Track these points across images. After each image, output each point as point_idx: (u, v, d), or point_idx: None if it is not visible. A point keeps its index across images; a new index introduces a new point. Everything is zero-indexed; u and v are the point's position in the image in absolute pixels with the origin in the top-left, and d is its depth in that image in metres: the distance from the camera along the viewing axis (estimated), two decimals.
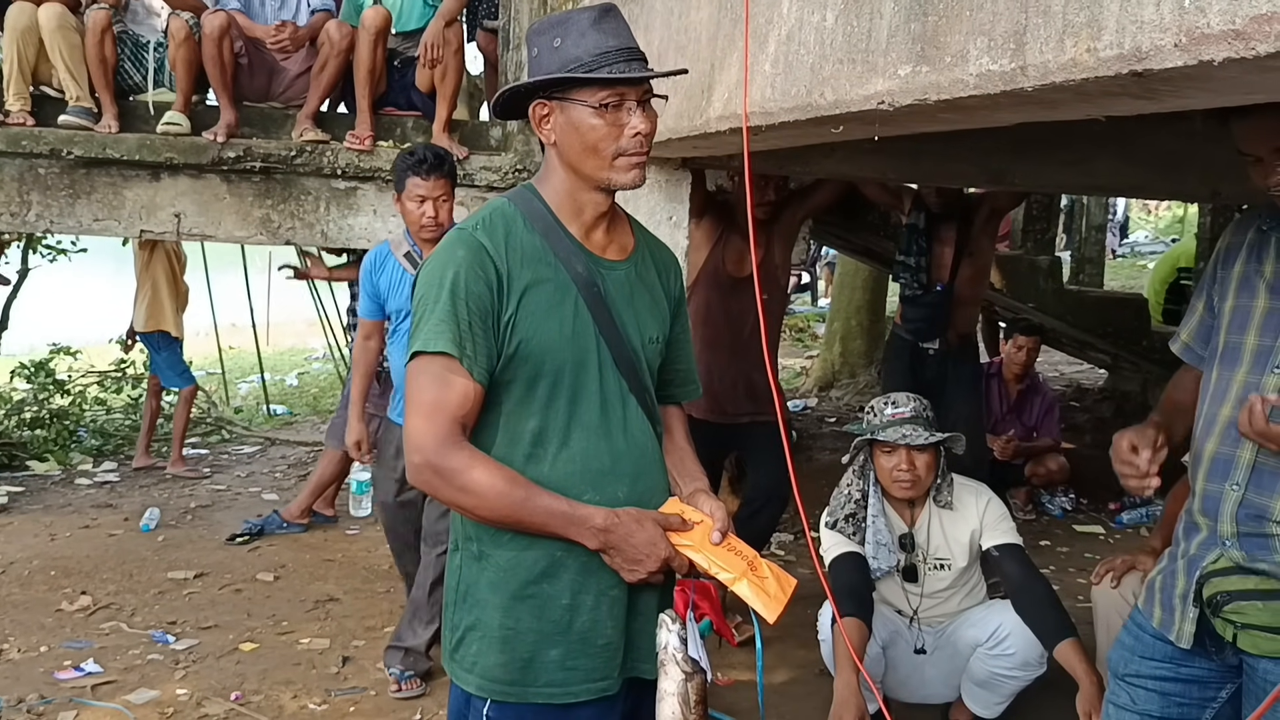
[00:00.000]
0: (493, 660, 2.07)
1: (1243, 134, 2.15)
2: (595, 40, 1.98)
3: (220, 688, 4.31)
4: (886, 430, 3.63)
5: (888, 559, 3.71)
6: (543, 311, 2.03)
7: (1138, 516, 6.99)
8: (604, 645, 2.09)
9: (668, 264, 2.31)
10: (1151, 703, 2.41)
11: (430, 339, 1.97)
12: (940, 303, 5.87)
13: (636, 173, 2.03)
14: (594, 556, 2.05)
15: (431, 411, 1.97)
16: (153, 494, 7.26)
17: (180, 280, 7.66)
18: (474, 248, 2.00)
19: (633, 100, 2.00)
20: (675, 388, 2.37)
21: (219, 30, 5.32)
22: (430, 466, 1.97)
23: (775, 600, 2.09)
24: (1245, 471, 2.20)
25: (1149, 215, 21.93)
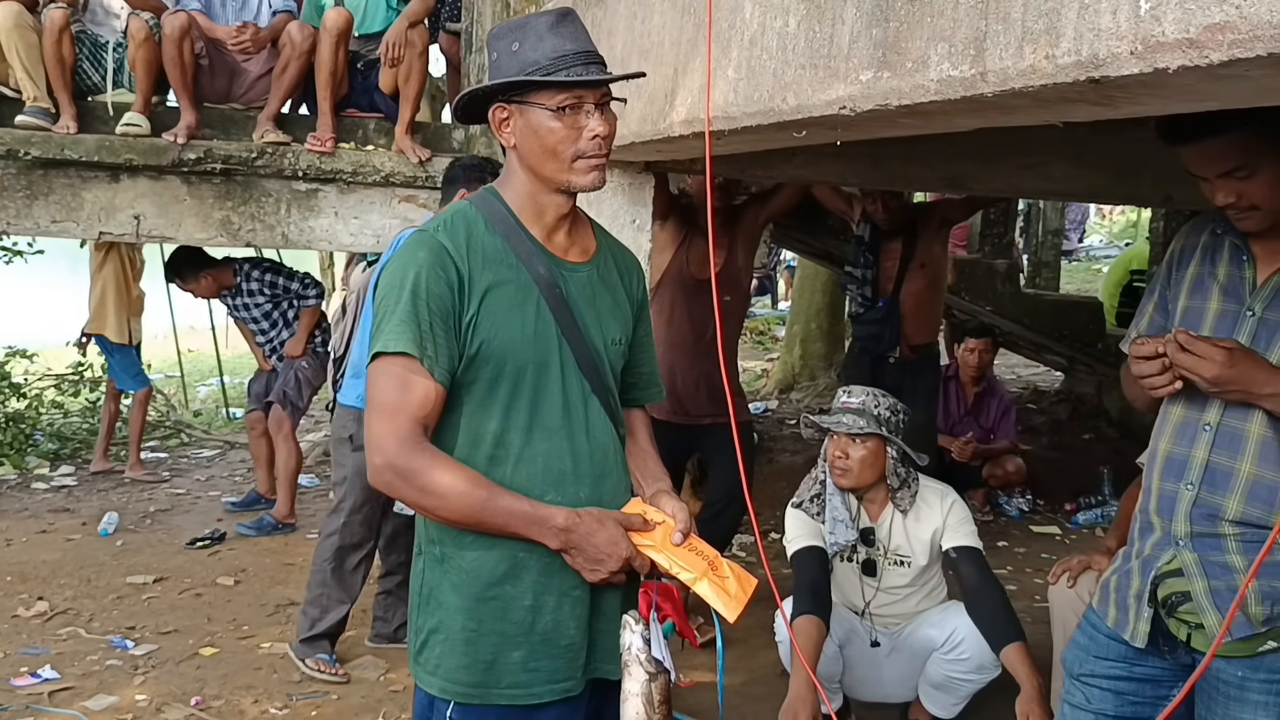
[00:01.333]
0: (455, 662, 2.07)
1: (1189, 159, 2.22)
2: (553, 44, 1.99)
3: (180, 693, 4.28)
4: (831, 415, 3.69)
5: (845, 534, 3.73)
6: (504, 312, 2.04)
7: (1093, 517, 7.08)
8: (566, 646, 2.10)
9: (630, 266, 2.33)
10: (1106, 702, 2.45)
11: (391, 339, 1.97)
12: (885, 318, 5.95)
13: (596, 175, 2.05)
14: (556, 557, 2.05)
15: (392, 413, 1.97)
16: (111, 498, 7.19)
17: (132, 286, 7.58)
18: (435, 249, 2.01)
19: (590, 103, 2.01)
20: (639, 390, 2.39)
21: (179, 31, 5.28)
22: (391, 467, 1.97)
23: (736, 600, 2.10)
24: (1199, 471, 2.24)
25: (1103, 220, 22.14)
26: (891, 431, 3.66)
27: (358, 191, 5.46)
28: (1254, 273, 2.24)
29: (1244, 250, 2.26)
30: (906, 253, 5.87)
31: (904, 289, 5.91)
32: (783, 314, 14.71)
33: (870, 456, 3.65)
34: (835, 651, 3.75)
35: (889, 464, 3.68)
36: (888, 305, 5.93)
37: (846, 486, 3.71)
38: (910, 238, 5.88)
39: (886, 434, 3.64)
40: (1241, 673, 2.22)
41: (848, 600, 3.87)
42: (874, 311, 5.99)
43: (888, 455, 3.68)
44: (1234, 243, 2.28)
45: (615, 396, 2.22)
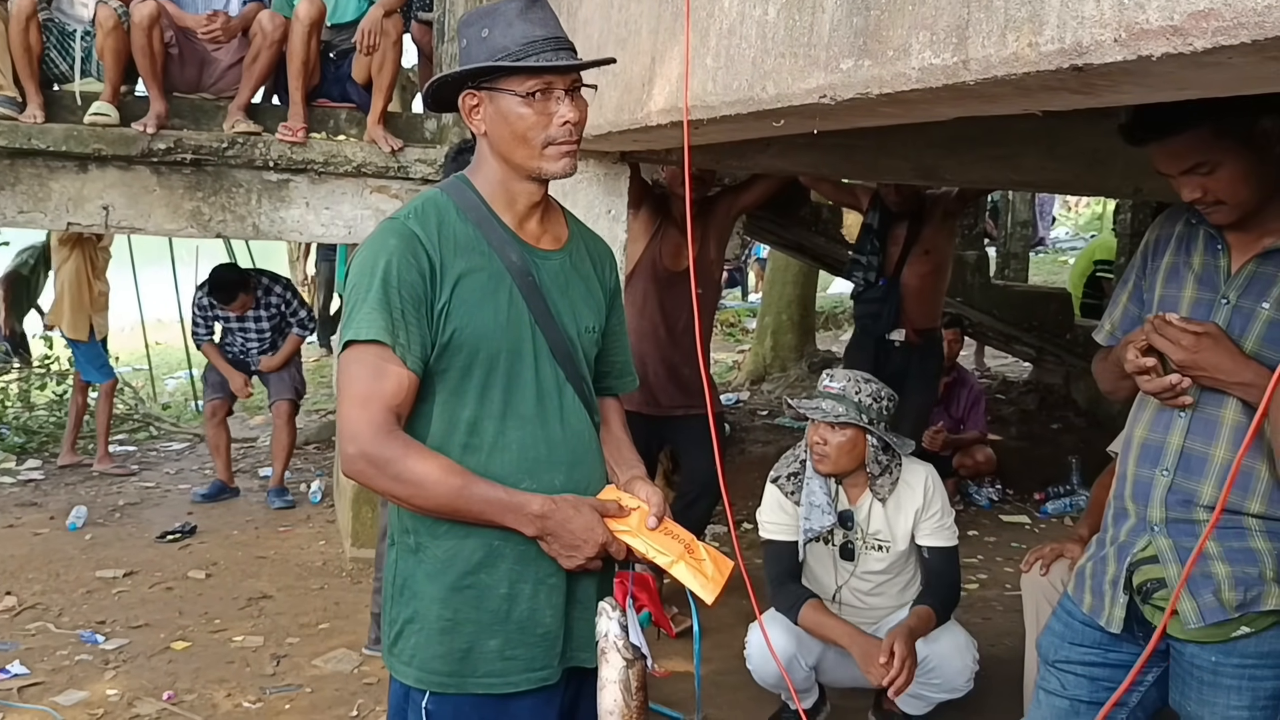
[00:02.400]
0: (431, 652, 2.07)
1: (1155, 157, 2.26)
2: (522, 30, 1.99)
3: (152, 687, 4.25)
4: (811, 399, 3.68)
5: (820, 520, 3.70)
6: (476, 300, 2.03)
7: (1062, 506, 7.15)
8: (543, 634, 2.09)
9: (603, 255, 2.33)
10: (1081, 687, 2.47)
11: (362, 328, 1.96)
12: (885, 297, 6.02)
13: (567, 161, 2.05)
14: (531, 545, 2.05)
15: (365, 401, 1.96)
16: (79, 492, 7.13)
17: (94, 282, 7.52)
18: (406, 236, 2.00)
19: (561, 89, 2.01)
20: (612, 379, 2.39)
21: (149, 19, 5.22)
22: (365, 456, 1.95)
23: (713, 582, 2.11)
24: (1174, 457, 2.27)
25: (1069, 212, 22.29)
26: (873, 419, 3.62)
27: (329, 182, 5.42)
28: (1228, 261, 2.27)
29: (1219, 239, 2.29)
30: (910, 238, 5.94)
31: (906, 270, 5.96)
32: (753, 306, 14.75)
33: (849, 444, 3.62)
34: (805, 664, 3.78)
35: (869, 451, 3.65)
36: (888, 285, 5.99)
37: (825, 472, 3.69)
38: (916, 224, 5.96)
39: (865, 423, 3.59)
40: (1215, 658, 2.25)
41: (819, 584, 3.85)
42: (874, 290, 6.05)
43: (868, 443, 3.65)
44: (1208, 232, 2.31)
45: (590, 384, 2.22)
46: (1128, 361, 2.27)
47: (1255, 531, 2.21)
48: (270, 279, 7.12)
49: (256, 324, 6.95)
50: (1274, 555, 2.20)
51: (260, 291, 6.90)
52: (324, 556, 5.88)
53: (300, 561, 5.80)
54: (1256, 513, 2.20)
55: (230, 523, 6.49)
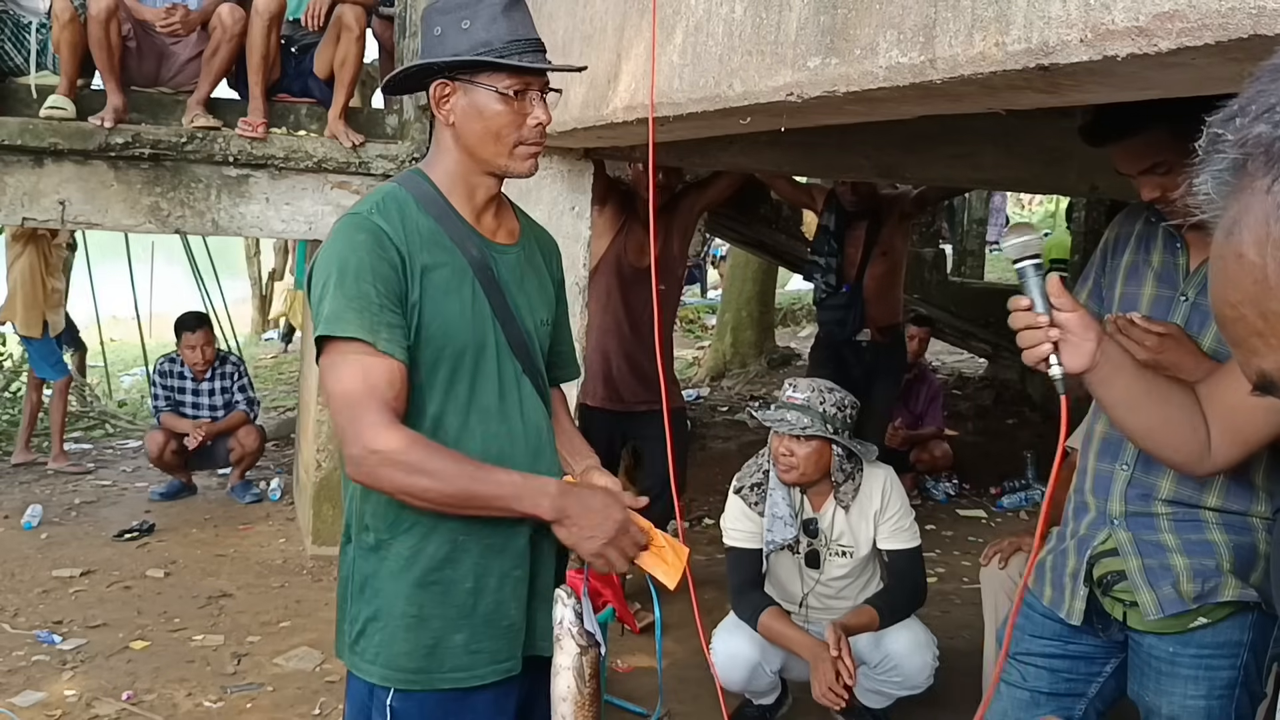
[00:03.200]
0: (397, 649, 2.05)
1: (1114, 158, 2.30)
2: (507, 27, 1.99)
3: (111, 687, 4.21)
4: (774, 411, 3.68)
5: (783, 532, 3.72)
6: (442, 295, 2.01)
7: (1017, 500, 7.23)
8: (508, 626, 2.09)
9: (550, 248, 2.33)
10: (1041, 679, 2.51)
11: (339, 324, 1.92)
12: (849, 303, 6.10)
13: (532, 162, 2.06)
14: (495, 538, 2.04)
15: (361, 399, 1.91)
16: (34, 490, 7.04)
17: (46, 279, 7.43)
18: (373, 231, 1.96)
19: (536, 91, 2.02)
20: (557, 370, 2.38)
21: (106, 12, 5.16)
22: (374, 454, 1.90)
23: (674, 568, 2.12)
24: (1134, 451, 2.30)
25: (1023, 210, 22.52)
26: (838, 428, 3.61)
27: (290, 177, 5.39)
28: (1187, 259, 2.31)
29: (1178, 238, 2.33)
30: (870, 239, 6.02)
31: (866, 274, 6.04)
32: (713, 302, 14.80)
33: (814, 455, 3.61)
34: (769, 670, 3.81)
35: (834, 460, 3.65)
36: (851, 291, 6.08)
37: (791, 482, 3.69)
38: (874, 225, 6.03)
39: (830, 433, 3.59)
40: (1173, 648, 2.29)
41: (785, 592, 3.88)
42: (837, 297, 6.13)
43: (833, 453, 3.65)
44: (1168, 230, 2.35)
45: (544, 377, 2.22)
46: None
47: (1212, 524, 2.25)
48: (226, 352, 7.48)
49: (210, 397, 7.06)
50: (1230, 548, 2.24)
51: (217, 363, 7.11)
52: (284, 554, 5.84)
53: (260, 559, 5.76)
54: (1213, 506, 2.24)
55: (189, 521, 6.43)
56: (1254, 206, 0.71)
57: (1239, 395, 1.94)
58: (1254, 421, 2.00)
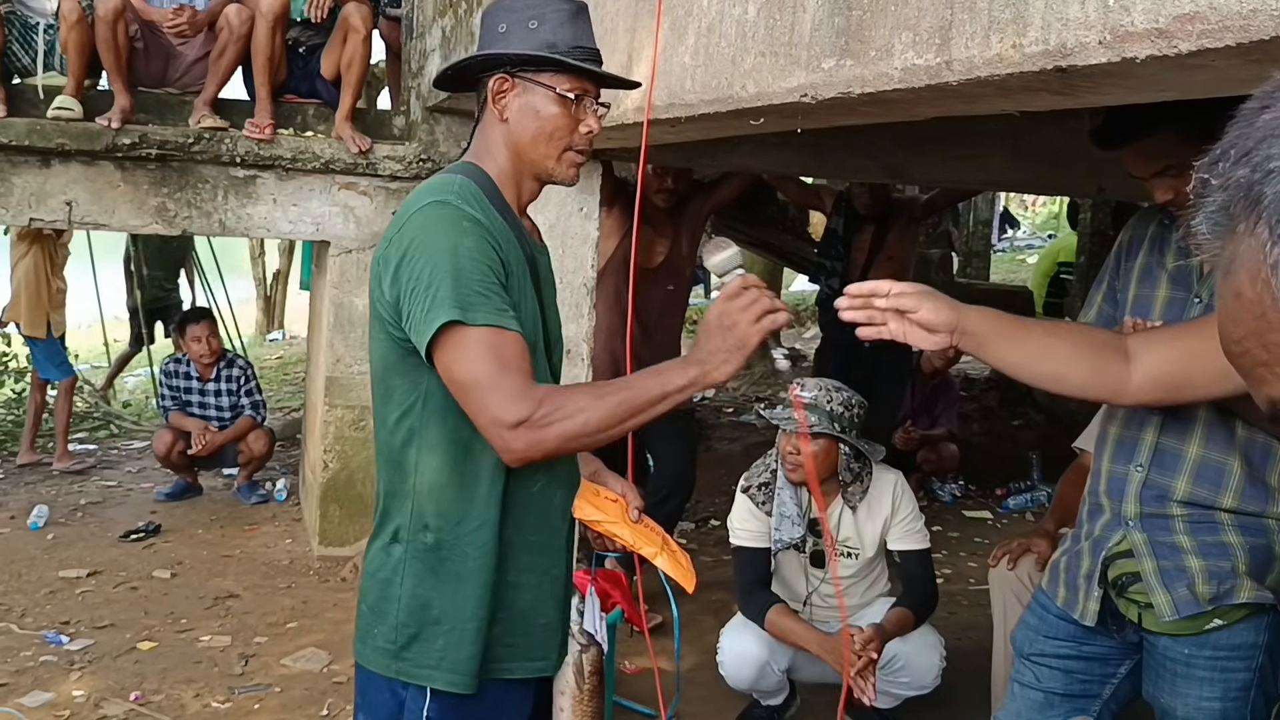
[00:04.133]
0: (465, 652, 1.98)
1: (1126, 161, 2.31)
2: (574, 33, 2.01)
3: (119, 688, 4.21)
4: (782, 411, 3.70)
5: (790, 531, 3.73)
6: (517, 291, 1.98)
7: (1023, 502, 7.22)
8: (544, 625, 2.08)
9: None
10: (1055, 680, 2.51)
11: (471, 311, 1.86)
12: None
13: (575, 171, 2.06)
14: (539, 536, 2.03)
15: (497, 378, 1.85)
16: (39, 491, 7.04)
17: (50, 279, 7.43)
18: (475, 220, 1.92)
19: (591, 99, 2.03)
20: None
21: (113, 13, 5.17)
22: (522, 422, 1.83)
23: (689, 572, 2.16)
24: (1149, 453, 2.30)
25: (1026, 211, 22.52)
26: (845, 428, 3.61)
27: (297, 178, 5.40)
28: (1201, 261, 2.31)
29: None
30: (875, 244, 6.03)
31: (869, 277, 6.04)
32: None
33: (822, 454, 3.62)
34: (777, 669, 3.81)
35: (841, 460, 3.65)
36: None
37: (798, 481, 3.70)
38: (881, 230, 6.04)
39: (838, 432, 3.59)
40: (1188, 650, 2.29)
41: (790, 590, 3.89)
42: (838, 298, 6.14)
43: (840, 451, 3.65)
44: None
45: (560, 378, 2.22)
46: None
47: (1228, 526, 2.25)
48: (235, 355, 7.41)
49: (217, 398, 7.04)
50: (1246, 549, 2.24)
51: (223, 364, 7.06)
52: (291, 555, 5.84)
53: (267, 560, 5.76)
54: (1229, 507, 2.24)
55: (195, 521, 6.43)
56: (1244, 247, 0.73)
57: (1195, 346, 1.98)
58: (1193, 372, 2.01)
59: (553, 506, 2.06)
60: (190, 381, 7.01)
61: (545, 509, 2.05)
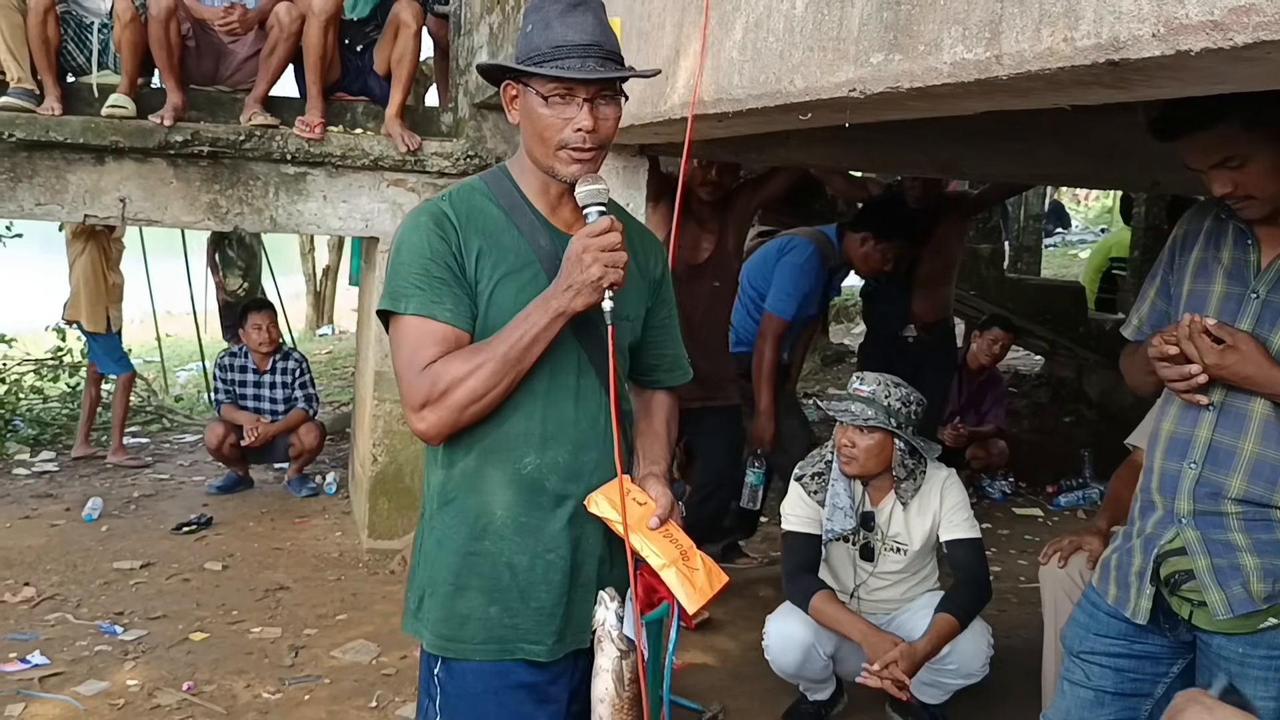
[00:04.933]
0: (438, 614, 2.15)
1: (1184, 153, 2.28)
2: (558, 33, 2.02)
3: (171, 678, 4.27)
4: (841, 402, 3.70)
5: (843, 522, 3.75)
6: (501, 278, 2.09)
7: (1074, 499, 7.15)
8: (538, 608, 2.13)
9: (649, 246, 2.35)
10: (1106, 678, 2.48)
11: (400, 300, 2.07)
12: (895, 297, 6.07)
13: (578, 168, 2.07)
14: (531, 517, 2.11)
15: (408, 367, 2.05)
16: (94, 483, 7.15)
17: (107, 274, 7.52)
18: (436, 214, 2.10)
19: (582, 97, 2.03)
20: (662, 372, 2.42)
21: (166, 12, 5.24)
22: (424, 406, 2.04)
23: (700, 593, 2.09)
24: (1202, 450, 2.27)
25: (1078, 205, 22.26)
26: (902, 423, 3.64)
27: (346, 175, 5.44)
28: (1258, 256, 2.27)
29: (1248, 234, 2.29)
30: (924, 237, 5.98)
31: (918, 272, 6.02)
32: None
33: (876, 447, 3.65)
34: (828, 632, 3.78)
35: (896, 455, 3.67)
36: (898, 286, 6.05)
37: (852, 474, 3.72)
38: (930, 224, 6.00)
39: (894, 427, 3.61)
40: (1242, 649, 2.26)
41: (839, 581, 3.89)
42: (884, 290, 6.13)
43: (895, 447, 3.67)
44: (1238, 227, 2.31)
45: (621, 371, 2.22)
46: (1152, 346, 2.29)
47: None
48: (290, 348, 7.46)
49: (271, 390, 7.11)
50: None
51: (279, 356, 7.15)
52: (340, 548, 5.89)
53: (317, 553, 5.81)
54: None
55: (246, 514, 6.51)
56: None
57: None
58: None
59: (544, 491, 2.13)
60: (246, 374, 7.09)
61: (536, 492, 2.13)
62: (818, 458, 3.89)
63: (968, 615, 3.64)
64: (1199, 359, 2.19)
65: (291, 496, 6.91)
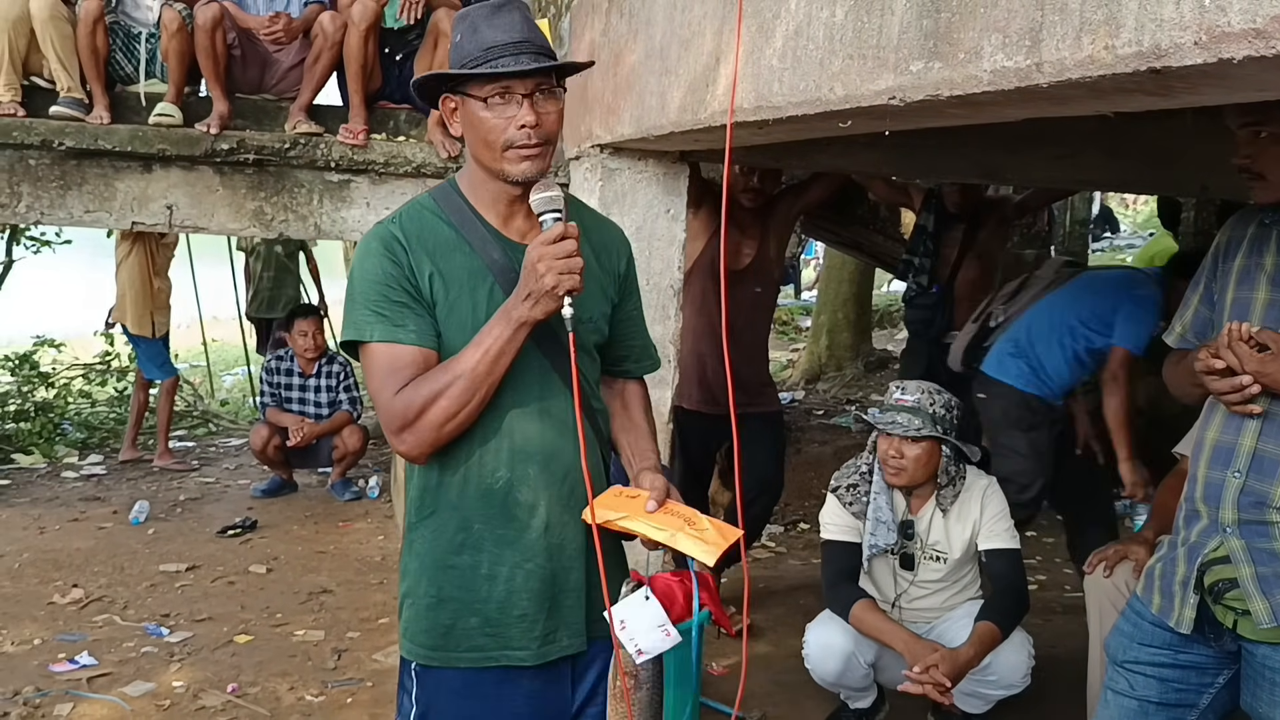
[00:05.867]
0: (420, 626, 2.18)
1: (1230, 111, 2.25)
2: (486, 35, 2.03)
3: (216, 679, 4.32)
4: (884, 414, 3.67)
5: (885, 537, 3.73)
6: (454, 296, 2.10)
7: (1121, 507, 7.04)
8: (519, 616, 2.16)
9: (610, 241, 2.34)
10: (1150, 688, 2.46)
11: (364, 328, 2.08)
12: (938, 304, 6.05)
13: (528, 165, 2.07)
14: (509, 529, 2.13)
15: (381, 391, 2.07)
16: (140, 487, 7.25)
17: (153, 279, 7.61)
18: (385, 238, 2.10)
19: (520, 93, 2.04)
20: (631, 362, 2.42)
21: (212, 21, 5.31)
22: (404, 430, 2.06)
23: (714, 545, 2.10)
24: (1246, 459, 2.25)
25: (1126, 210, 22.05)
26: (947, 429, 3.63)
27: (389, 182, 5.49)
28: None
29: None
30: (966, 242, 5.96)
31: (959, 276, 5.99)
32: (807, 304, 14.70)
33: (925, 456, 3.63)
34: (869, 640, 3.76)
35: (941, 462, 3.67)
36: (940, 292, 6.03)
37: (899, 485, 3.70)
38: (972, 228, 5.97)
39: (941, 434, 3.61)
40: None
41: (880, 592, 3.87)
42: (926, 297, 6.09)
43: (941, 454, 3.66)
44: None
45: (587, 374, 2.24)
46: (1197, 360, 2.26)
47: None
48: (335, 352, 7.53)
49: (316, 394, 7.21)
50: None
51: (324, 360, 7.24)
52: (383, 551, 5.94)
53: (359, 556, 5.86)
54: None
55: (290, 518, 6.58)
56: None
57: None
58: None
59: (518, 503, 2.15)
60: (292, 377, 7.16)
61: (510, 504, 2.15)
62: (852, 469, 3.87)
63: (1009, 624, 3.61)
64: (1239, 367, 2.16)
65: (335, 500, 6.98)
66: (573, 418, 2.16)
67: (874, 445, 3.82)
